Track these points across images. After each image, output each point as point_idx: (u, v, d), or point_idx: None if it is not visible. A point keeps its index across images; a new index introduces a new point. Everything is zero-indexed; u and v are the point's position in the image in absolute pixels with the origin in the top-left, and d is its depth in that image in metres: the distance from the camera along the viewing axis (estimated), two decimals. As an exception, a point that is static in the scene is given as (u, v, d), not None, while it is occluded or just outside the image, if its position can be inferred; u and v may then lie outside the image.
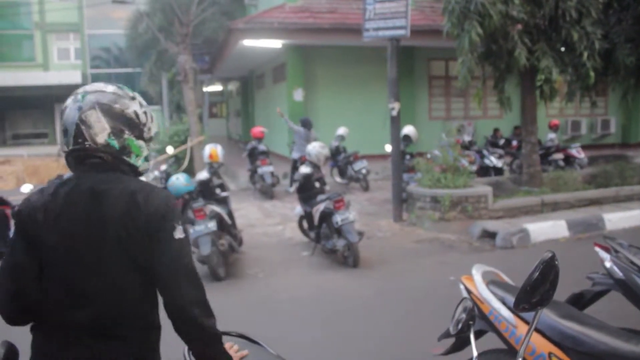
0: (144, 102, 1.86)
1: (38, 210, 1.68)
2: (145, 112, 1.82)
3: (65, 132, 1.72)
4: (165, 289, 1.66)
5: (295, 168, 10.58)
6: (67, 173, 7.62)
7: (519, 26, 8.17)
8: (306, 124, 11.19)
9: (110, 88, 1.77)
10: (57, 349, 1.68)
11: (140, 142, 1.78)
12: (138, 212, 1.65)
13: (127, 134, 1.74)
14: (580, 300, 3.04)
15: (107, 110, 1.71)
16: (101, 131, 1.69)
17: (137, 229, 1.64)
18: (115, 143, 1.72)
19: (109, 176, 1.70)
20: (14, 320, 1.73)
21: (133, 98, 1.80)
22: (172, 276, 1.65)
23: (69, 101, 1.74)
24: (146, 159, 1.82)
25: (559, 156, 11.94)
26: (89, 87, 1.77)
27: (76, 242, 1.66)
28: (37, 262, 1.68)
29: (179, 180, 7.07)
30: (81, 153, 1.71)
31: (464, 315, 1.98)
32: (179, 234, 1.68)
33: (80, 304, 1.66)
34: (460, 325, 1.97)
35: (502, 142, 12.94)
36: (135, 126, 1.76)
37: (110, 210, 1.65)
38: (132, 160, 1.77)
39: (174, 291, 1.65)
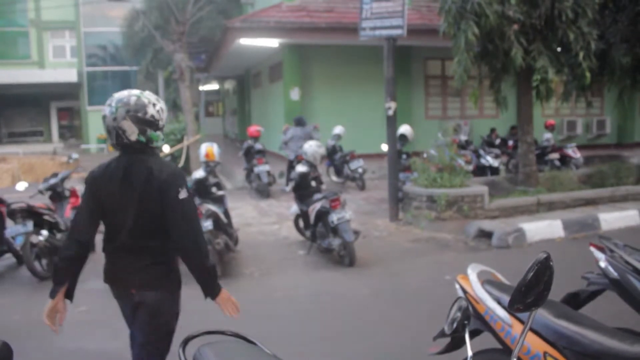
0: (156, 101, 2.72)
1: (97, 178, 2.76)
2: (158, 111, 2.70)
3: (109, 132, 2.68)
4: (171, 227, 2.64)
5: (291, 167, 10.58)
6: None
7: (515, 26, 8.18)
8: (300, 123, 11.18)
9: (133, 99, 2.65)
10: (113, 260, 2.80)
11: (158, 132, 2.72)
12: (153, 181, 2.63)
13: (149, 131, 2.67)
14: (576, 300, 3.04)
15: (134, 118, 2.62)
16: (132, 133, 2.64)
17: (153, 190, 2.63)
18: (142, 138, 2.67)
19: (138, 157, 2.70)
20: (83, 243, 2.72)
21: (149, 102, 2.67)
22: (176, 220, 2.63)
23: (107, 111, 2.65)
24: (162, 140, 2.78)
25: (555, 156, 11.97)
26: (118, 101, 2.64)
27: (116, 197, 2.70)
28: (97, 208, 2.73)
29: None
30: (122, 144, 2.68)
31: (459, 315, 1.98)
32: (182, 195, 2.64)
33: (120, 232, 2.72)
34: (455, 325, 1.97)
35: (498, 141, 12.95)
36: (153, 124, 2.68)
37: (136, 179, 2.66)
38: (154, 144, 2.73)
39: (176, 229, 2.63)
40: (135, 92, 2.70)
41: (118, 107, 2.62)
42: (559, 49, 8.42)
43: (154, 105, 2.68)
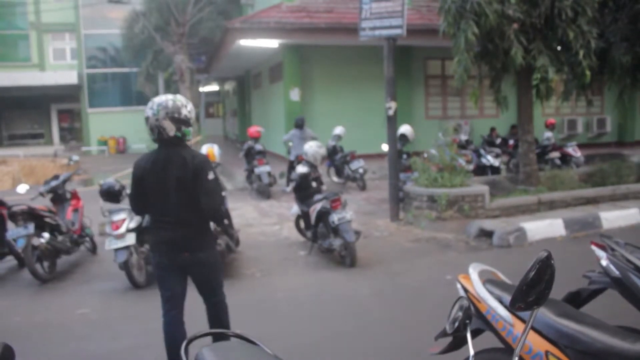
0: (187, 103, 3.50)
1: (140, 167, 3.56)
2: (189, 111, 3.49)
3: (152, 130, 3.45)
4: (202, 198, 3.45)
5: (292, 168, 10.58)
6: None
7: (515, 25, 8.18)
8: (298, 124, 11.20)
9: (170, 103, 3.42)
10: (159, 233, 3.59)
11: (189, 128, 3.51)
12: (187, 167, 3.43)
13: (183, 128, 3.47)
14: (577, 299, 3.03)
15: (172, 118, 3.41)
16: (171, 130, 3.43)
17: (188, 175, 3.43)
18: (178, 134, 3.46)
19: (174, 149, 3.49)
20: (138, 212, 3.99)
21: (182, 105, 3.45)
22: (206, 196, 3.45)
23: (149, 113, 3.41)
24: (191, 133, 3.54)
25: (555, 155, 11.96)
26: (157, 105, 3.40)
27: (159, 181, 3.49)
28: (142, 189, 3.56)
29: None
30: (162, 139, 3.46)
31: (460, 314, 1.98)
32: (210, 176, 3.47)
33: (164, 211, 3.53)
34: (456, 324, 1.97)
35: (498, 141, 12.95)
36: (185, 122, 3.47)
37: (174, 167, 3.45)
38: (186, 138, 3.52)
39: (206, 202, 3.45)
40: (171, 96, 3.50)
41: (159, 109, 3.40)
42: (559, 48, 8.41)
43: (186, 107, 3.48)
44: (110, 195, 6.48)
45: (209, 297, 3.77)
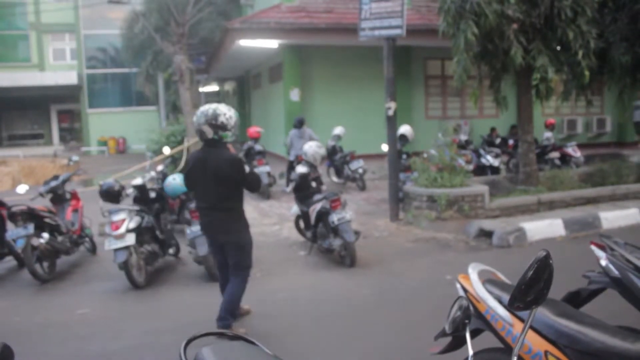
0: (227, 111, 4.31)
1: (190, 160, 4.56)
2: (227, 118, 4.29)
3: (196, 132, 4.35)
4: (245, 186, 4.45)
5: (291, 168, 10.58)
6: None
7: (515, 25, 8.18)
8: (296, 124, 11.19)
9: (210, 111, 4.26)
10: (202, 218, 4.59)
11: (227, 132, 4.32)
12: (225, 164, 4.29)
13: (220, 132, 4.30)
14: (577, 299, 3.04)
15: (211, 124, 4.26)
16: (209, 134, 4.29)
17: (226, 170, 4.30)
18: (216, 137, 4.31)
19: (213, 150, 4.36)
20: (189, 188, 4.87)
21: (220, 113, 4.26)
22: (246, 183, 4.43)
23: (194, 119, 4.33)
24: (231, 136, 4.37)
25: (555, 155, 11.96)
26: (201, 112, 4.30)
27: (201, 174, 4.38)
28: (192, 176, 4.50)
29: (175, 181, 7.05)
30: (204, 140, 4.33)
31: (459, 314, 1.97)
32: (247, 170, 4.36)
33: (206, 198, 4.45)
34: (456, 324, 1.97)
35: (498, 141, 12.94)
36: (223, 127, 4.30)
37: (213, 165, 4.32)
38: (223, 140, 4.35)
39: (249, 187, 4.49)
40: (214, 106, 4.33)
41: (201, 116, 4.27)
42: (558, 48, 8.41)
43: (225, 114, 4.28)
44: (110, 195, 6.49)
45: (235, 276, 4.48)
